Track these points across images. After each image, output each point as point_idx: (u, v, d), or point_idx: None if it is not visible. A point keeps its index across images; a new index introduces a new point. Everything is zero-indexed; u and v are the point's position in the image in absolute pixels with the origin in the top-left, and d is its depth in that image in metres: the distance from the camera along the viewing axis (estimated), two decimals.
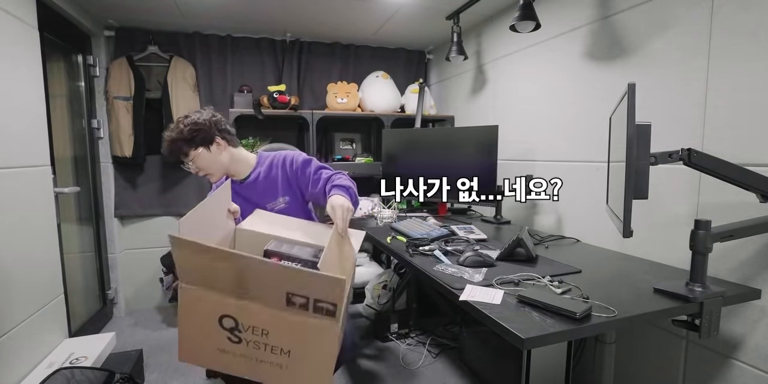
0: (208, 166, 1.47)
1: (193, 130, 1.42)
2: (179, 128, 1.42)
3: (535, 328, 0.93)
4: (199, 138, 1.43)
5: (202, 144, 1.44)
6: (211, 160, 1.47)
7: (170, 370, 2.05)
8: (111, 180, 2.64)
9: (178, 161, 1.47)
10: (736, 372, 1.28)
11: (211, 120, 1.47)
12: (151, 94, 2.61)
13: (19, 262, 1.54)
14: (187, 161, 1.46)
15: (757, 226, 1.10)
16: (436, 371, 2.03)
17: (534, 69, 2.11)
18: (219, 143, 1.47)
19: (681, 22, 1.40)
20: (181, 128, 1.42)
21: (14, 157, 1.54)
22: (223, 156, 1.49)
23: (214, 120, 1.48)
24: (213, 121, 1.47)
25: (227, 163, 1.51)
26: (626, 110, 1.03)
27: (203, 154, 1.44)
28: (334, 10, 2.37)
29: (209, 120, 1.46)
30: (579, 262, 1.42)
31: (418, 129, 2.70)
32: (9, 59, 1.53)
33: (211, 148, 1.46)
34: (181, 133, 1.41)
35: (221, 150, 1.48)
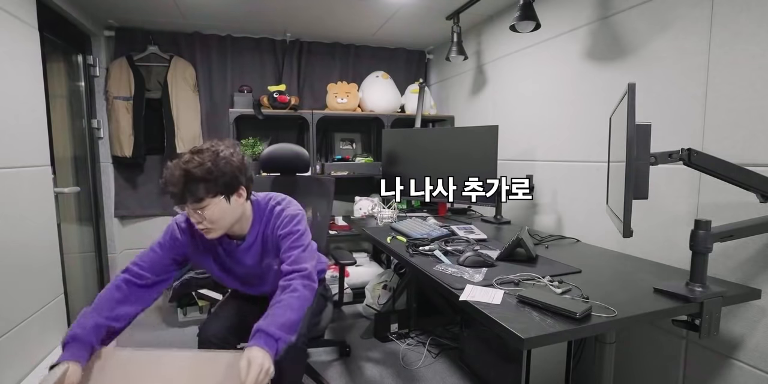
0: (219, 219, 1.17)
1: (222, 170, 1.13)
2: (203, 163, 1.11)
3: (535, 328, 0.93)
4: (224, 182, 1.14)
5: (225, 191, 1.15)
6: (226, 213, 1.18)
7: None
8: (111, 180, 2.64)
9: (179, 202, 1.13)
10: (736, 372, 1.28)
11: (243, 162, 1.21)
12: (151, 94, 2.61)
13: (19, 262, 1.54)
14: (195, 208, 1.13)
15: (757, 226, 1.10)
16: (436, 371, 2.03)
17: (534, 69, 2.11)
18: (241, 194, 1.21)
19: (681, 22, 1.40)
20: (208, 165, 1.11)
21: (14, 157, 1.54)
22: (238, 210, 1.22)
23: (245, 162, 1.22)
24: (245, 164, 1.21)
25: (237, 218, 1.24)
26: (626, 110, 1.03)
27: (221, 205, 1.15)
28: (334, 10, 2.37)
29: (242, 162, 1.20)
30: (579, 262, 1.42)
31: (418, 129, 2.70)
32: (9, 59, 1.53)
33: (232, 199, 1.18)
34: (205, 170, 1.10)
35: (240, 203, 1.22)
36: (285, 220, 1.29)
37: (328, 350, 2.25)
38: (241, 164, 1.19)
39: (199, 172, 1.10)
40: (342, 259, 1.88)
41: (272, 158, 1.93)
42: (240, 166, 1.19)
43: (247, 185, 1.23)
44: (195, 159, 1.11)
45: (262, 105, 2.61)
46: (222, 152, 1.16)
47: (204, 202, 1.12)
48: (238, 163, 1.18)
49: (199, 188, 1.10)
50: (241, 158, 1.21)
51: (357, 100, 2.85)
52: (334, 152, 3.09)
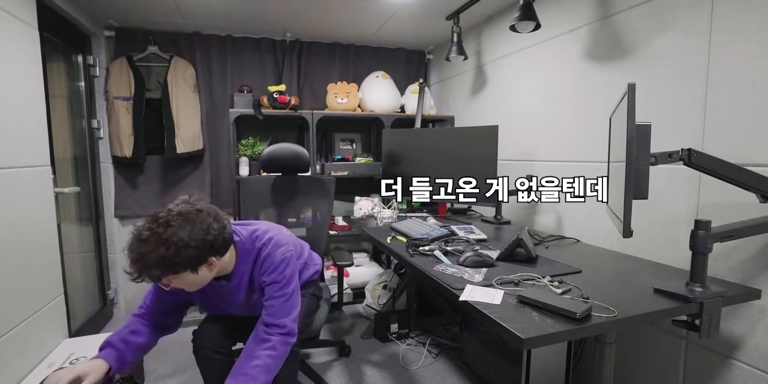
0: (188, 285, 1.13)
1: (180, 255, 1.03)
2: (159, 247, 1.00)
3: (535, 328, 0.93)
4: (186, 262, 1.05)
5: (189, 267, 1.06)
6: (197, 281, 1.12)
7: (170, 370, 2.05)
8: (111, 180, 2.64)
9: (138, 274, 1.05)
10: (736, 372, 1.28)
11: (207, 238, 1.06)
12: (151, 94, 2.61)
13: (19, 262, 1.54)
14: (161, 282, 1.09)
15: (757, 226, 1.10)
16: (436, 371, 2.03)
17: (534, 69, 2.11)
18: (212, 264, 1.12)
19: (681, 22, 1.40)
20: (162, 251, 1.00)
21: (14, 157, 1.54)
22: (209, 275, 1.14)
23: (211, 237, 1.07)
24: (210, 239, 1.07)
25: (212, 276, 1.17)
26: (626, 110, 1.03)
27: (188, 277, 1.09)
28: (334, 11, 2.37)
29: (204, 239, 1.06)
30: (579, 262, 1.42)
31: (418, 129, 2.70)
32: (9, 59, 1.53)
33: (200, 270, 1.09)
34: (159, 258, 1.01)
35: (211, 269, 1.13)
36: (270, 268, 1.25)
37: (327, 350, 2.25)
38: (205, 242, 1.06)
39: (153, 260, 1.01)
40: (339, 261, 1.88)
41: (272, 158, 1.93)
42: (203, 243, 1.05)
43: (220, 252, 1.13)
44: (149, 237, 1.02)
45: (262, 105, 2.61)
46: (181, 232, 1.02)
47: (165, 280, 1.07)
48: (202, 241, 1.05)
49: (156, 273, 1.04)
50: (205, 234, 1.06)
51: (357, 100, 2.85)
52: (334, 152, 3.09)
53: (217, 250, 1.12)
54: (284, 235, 1.35)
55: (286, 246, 1.30)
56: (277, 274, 1.25)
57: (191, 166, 2.77)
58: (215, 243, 1.09)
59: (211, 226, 1.08)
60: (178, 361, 2.15)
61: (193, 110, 2.64)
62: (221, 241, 1.12)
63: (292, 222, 1.99)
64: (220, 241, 1.11)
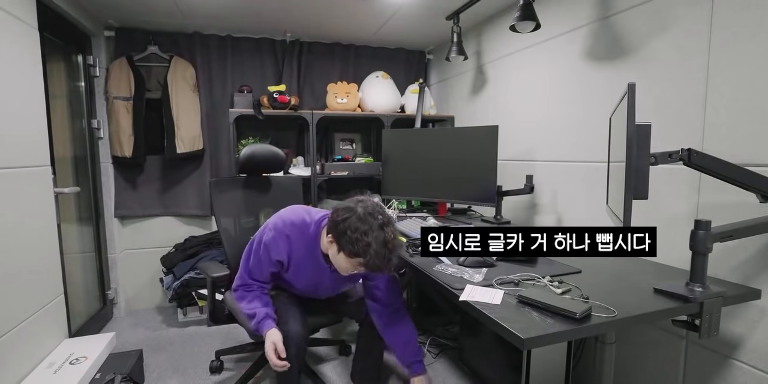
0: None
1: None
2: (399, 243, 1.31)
3: (535, 328, 0.93)
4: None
5: None
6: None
7: (170, 370, 2.05)
8: (111, 180, 2.64)
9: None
10: (736, 372, 1.28)
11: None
12: (151, 94, 2.61)
13: (19, 262, 1.54)
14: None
15: (757, 226, 1.10)
16: (436, 371, 2.02)
17: (534, 69, 2.11)
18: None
19: (681, 22, 1.40)
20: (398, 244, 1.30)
21: (14, 157, 1.54)
22: None
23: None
24: None
25: None
26: (626, 110, 1.03)
27: None
28: (334, 11, 2.37)
29: None
30: (579, 262, 1.42)
31: (418, 129, 2.70)
32: (9, 59, 1.53)
33: None
34: (398, 249, 1.31)
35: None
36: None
37: (327, 350, 2.25)
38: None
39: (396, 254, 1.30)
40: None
41: (253, 159, 1.92)
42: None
43: None
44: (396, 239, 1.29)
45: (262, 105, 2.61)
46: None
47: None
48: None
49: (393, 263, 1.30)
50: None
51: (357, 100, 2.85)
52: (334, 152, 3.09)
53: None
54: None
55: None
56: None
57: (191, 166, 2.77)
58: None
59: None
60: (178, 361, 2.15)
61: (193, 110, 2.64)
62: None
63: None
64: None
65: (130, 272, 2.78)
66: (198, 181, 2.79)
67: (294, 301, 1.62)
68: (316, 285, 1.57)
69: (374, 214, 1.27)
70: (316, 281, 1.55)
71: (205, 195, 2.79)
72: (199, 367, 2.08)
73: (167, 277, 2.58)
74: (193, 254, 2.60)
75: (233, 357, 2.18)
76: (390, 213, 1.34)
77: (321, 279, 1.54)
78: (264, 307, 1.47)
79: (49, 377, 1.54)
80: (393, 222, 1.31)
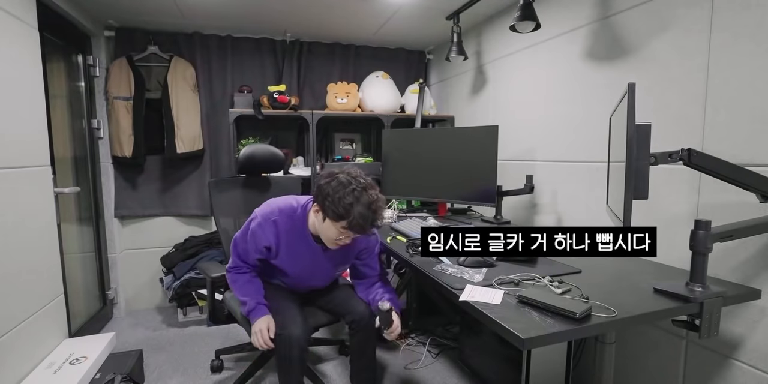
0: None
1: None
2: (383, 205, 1.37)
3: (535, 328, 0.93)
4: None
5: None
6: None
7: (170, 370, 2.05)
8: (111, 180, 2.64)
9: (371, 231, 1.41)
10: (736, 372, 1.28)
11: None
12: (151, 94, 2.61)
13: (19, 262, 1.54)
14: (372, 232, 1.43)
15: (757, 226, 1.10)
16: (436, 371, 2.03)
17: (534, 69, 2.11)
18: None
19: (681, 22, 1.40)
20: (384, 206, 1.37)
21: (14, 157, 1.54)
22: None
23: None
24: None
25: None
26: (626, 110, 1.03)
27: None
28: (334, 11, 2.37)
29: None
30: (579, 262, 1.42)
31: (418, 129, 2.69)
32: (9, 59, 1.53)
33: None
34: (382, 211, 1.37)
35: None
36: (366, 240, 1.57)
37: (327, 350, 2.26)
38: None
39: (382, 216, 1.37)
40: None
41: (253, 159, 1.96)
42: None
43: None
44: (381, 200, 1.35)
45: (262, 105, 2.61)
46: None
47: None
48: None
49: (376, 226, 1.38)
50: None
51: (357, 100, 2.85)
52: (334, 152, 3.09)
53: None
54: None
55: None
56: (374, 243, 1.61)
57: (191, 166, 2.77)
58: None
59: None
60: (178, 361, 2.15)
61: (193, 110, 2.64)
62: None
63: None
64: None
65: (130, 272, 2.78)
66: (198, 181, 2.79)
67: (292, 300, 1.62)
68: (312, 268, 1.57)
69: (357, 178, 1.33)
70: (310, 263, 1.55)
71: (205, 195, 2.79)
72: (199, 367, 2.08)
73: (167, 277, 2.59)
74: (193, 254, 2.60)
75: (233, 356, 2.18)
76: (371, 180, 1.37)
77: (315, 261, 1.55)
78: (255, 295, 1.53)
79: (49, 377, 1.54)
80: (376, 186, 1.36)
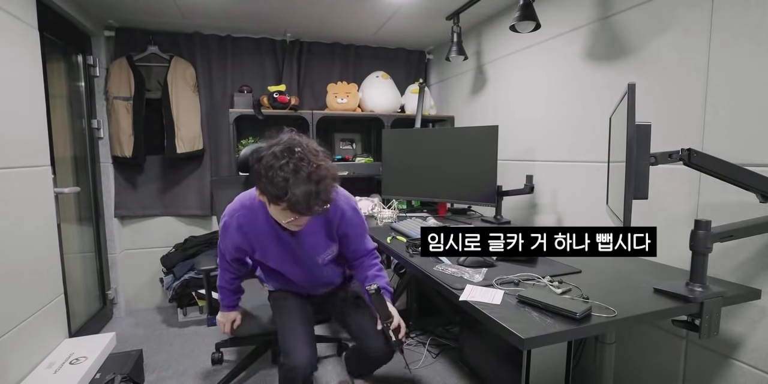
0: (304, 223, 1.27)
1: (333, 186, 1.18)
2: (326, 179, 1.12)
3: (535, 328, 0.93)
4: (331, 195, 1.18)
5: (330, 201, 1.19)
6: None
7: (170, 370, 2.05)
8: (111, 180, 2.64)
9: (320, 209, 1.16)
10: (736, 372, 1.28)
11: (338, 175, 1.23)
12: (151, 94, 2.61)
13: (19, 262, 1.54)
14: (324, 209, 1.18)
15: (757, 226, 1.10)
16: (436, 371, 2.03)
17: (534, 69, 2.11)
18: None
19: (681, 22, 1.40)
20: (329, 182, 1.13)
21: (14, 157, 1.54)
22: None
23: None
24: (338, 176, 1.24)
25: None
26: (626, 110, 1.03)
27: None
28: (334, 10, 2.37)
29: (337, 175, 1.23)
30: (579, 262, 1.42)
31: (418, 129, 2.69)
32: (9, 59, 1.53)
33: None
34: (329, 187, 1.14)
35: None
36: (347, 217, 1.41)
37: (326, 348, 2.25)
38: (337, 176, 1.22)
39: (325, 192, 1.13)
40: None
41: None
42: (338, 178, 1.21)
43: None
44: (321, 172, 1.11)
45: (262, 105, 2.61)
46: (330, 168, 1.17)
47: (312, 214, 1.18)
48: (337, 175, 1.21)
49: (322, 206, 1.15)
50: (335, 169, 1.22)
51: (357, 100, 2.85)
52: (334, 152, 3.09)
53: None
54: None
55: (349, 197, 1.44)
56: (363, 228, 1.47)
57: (191, 166, 2.77)
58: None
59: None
60: (178, 361, 2.15)
61: (193, 110, 2.64)
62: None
63: None
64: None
65: (130, 272, 2.78)
66: (198, 181, 2.79)
67: (300, 315, 1.49)
68: (293, 259, 1.43)
69: (291, 148, 1.09)
70: (289, 254, 1.42)
71: (205, 195, 2.79)
72: (199, 367, 2.08)
73: (167, 277, 2.59)
74: (193, 254, 2.60)
75: (233, 349, 2.24)
76: (317, 145, 1.15)
77: (290, 249, 1.40)
78: (231, 295, 1.57)
79: (49, 377, 1.54)
80: (320, 153, 1.14)
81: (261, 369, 2.04)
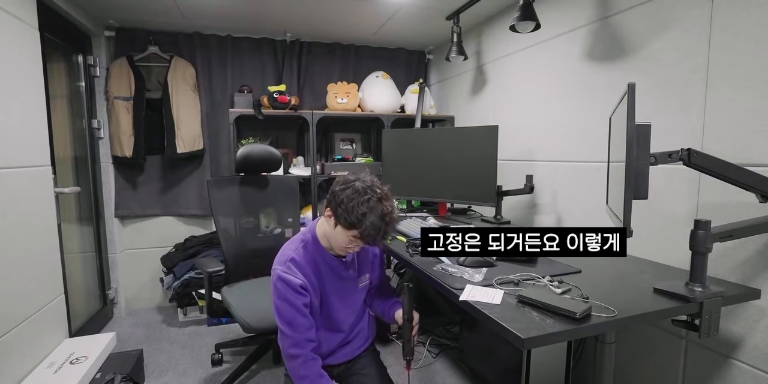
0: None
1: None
2: (395, 212, 1.27)
3: (535, 328, 0.93)
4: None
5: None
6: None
7: (170, 370, 2.05)
8: (111, 180, 2.64)
9: (381, 243, 1.33)
10: (735, 372, 1.28)
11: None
12: (151, 94, 2.61)
13: (20, 262, 1.54)
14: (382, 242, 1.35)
15: (757, 226, 1.10)
16: (436, 371, 2.03)
17: (534, 69, 2.11)
18: None
19: (681, 22, 1.40)
20: (396, 216, 1.27)
21: (14, 157, 1.54)
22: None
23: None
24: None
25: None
26: (626, 110, 1.03)
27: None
28: (334, 11, 2.37)
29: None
30: (579, 262, 1.42)
31: (418, 129, 2.69)
32: (9, 59, 1.53)
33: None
34: (395, 219, 1.28)
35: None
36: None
37: None
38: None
39: (394, 225, 1.29)
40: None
41: (250, 158, 2.01)
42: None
43: None
44: (393, 209, 1.26)
45: (262, 105, 2.61)
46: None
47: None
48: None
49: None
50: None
51: (357, 100, 2.85)
52: (334, 152, 3.09)
53: None
54: None
55: None
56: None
57: (191, 166, 2.77)
58: None
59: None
60: (178, 360, 2.15)
61: (193, 110, 2.64)
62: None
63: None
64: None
65: (131, 272, 2.78)
66: (198, 181, 2.79)
67: None
68: (345, 291, 1.40)
69: (372, 188, 1.25)
70: (344, 286, 1.40)
71: (205, 195, 2.79)
72: (199, 367, 2.08)
73: (167, 276, 2.59)
74: (194, 254, 2.60)
75: (232, 350, 2.23)
76: (387, 190, 1.29)
77: (344, 278, 1.39)
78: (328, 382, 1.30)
79: (50, 377, 1.54)
80: (391, 198, 1.28)
81: (262, 370, 2.04)
